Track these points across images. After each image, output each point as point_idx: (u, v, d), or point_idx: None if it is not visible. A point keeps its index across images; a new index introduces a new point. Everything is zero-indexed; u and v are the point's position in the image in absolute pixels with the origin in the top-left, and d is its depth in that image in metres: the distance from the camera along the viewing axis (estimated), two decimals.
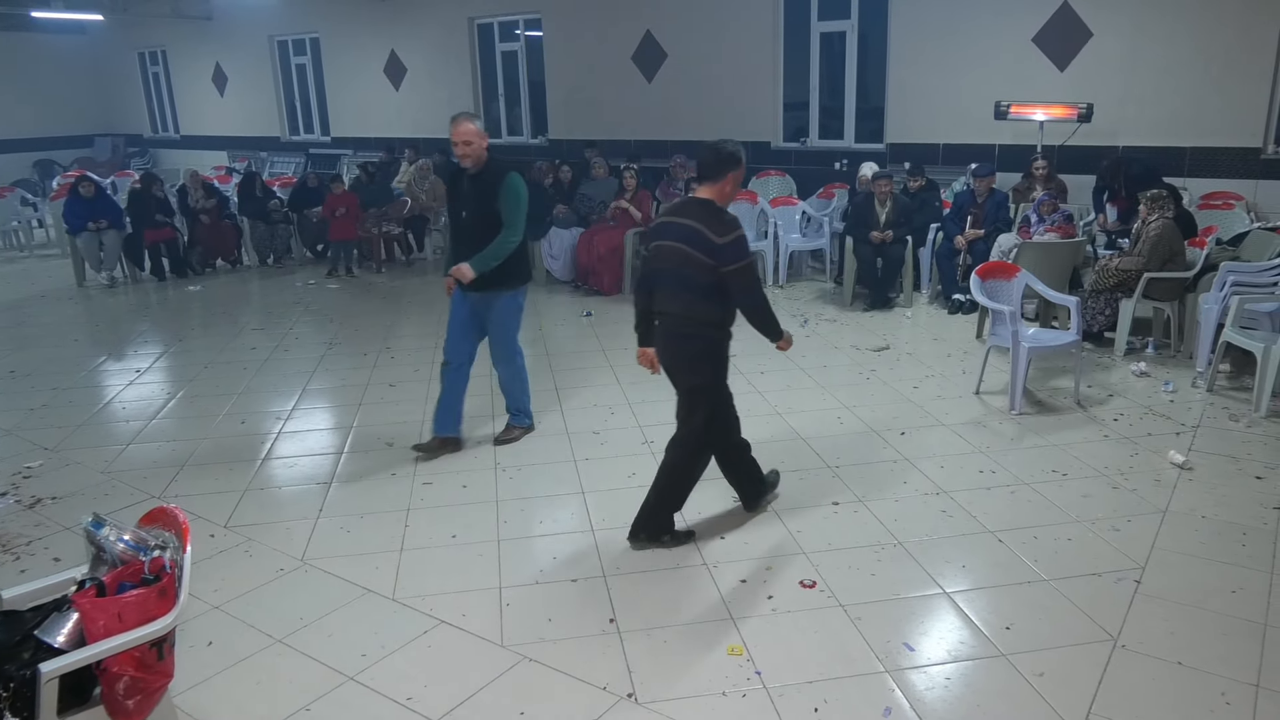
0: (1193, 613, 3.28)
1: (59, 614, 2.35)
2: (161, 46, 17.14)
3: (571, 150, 11.14)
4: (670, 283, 3.64)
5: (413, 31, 13.29)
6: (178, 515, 2.53)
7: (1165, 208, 6.14)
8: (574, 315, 7.92)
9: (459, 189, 4.65)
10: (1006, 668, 3.00)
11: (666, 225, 3.68)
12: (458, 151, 4.46)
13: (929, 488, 4.34)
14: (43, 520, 4.23)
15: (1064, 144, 8.28)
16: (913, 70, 9.25)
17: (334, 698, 2.94)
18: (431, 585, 3.59)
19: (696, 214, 3.57)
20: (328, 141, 15.08)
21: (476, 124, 4.43)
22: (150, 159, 17.70)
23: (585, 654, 3.12)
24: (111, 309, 8.75)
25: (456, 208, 4.70)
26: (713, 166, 3.60)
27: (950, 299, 7.63)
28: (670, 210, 3.79)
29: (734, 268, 3.52)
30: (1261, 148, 7.65)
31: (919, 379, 5.92)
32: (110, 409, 5.82)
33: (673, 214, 3.71)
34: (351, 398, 5.87)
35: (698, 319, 3.63)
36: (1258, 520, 3.94)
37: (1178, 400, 5.42)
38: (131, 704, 2.31)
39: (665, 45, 10.94)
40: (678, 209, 3.73)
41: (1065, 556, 3.68)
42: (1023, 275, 5.74)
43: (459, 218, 4.69)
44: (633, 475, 4.54)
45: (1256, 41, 7.46)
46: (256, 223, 10.36)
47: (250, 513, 4.28)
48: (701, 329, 3.65)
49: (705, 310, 3.61)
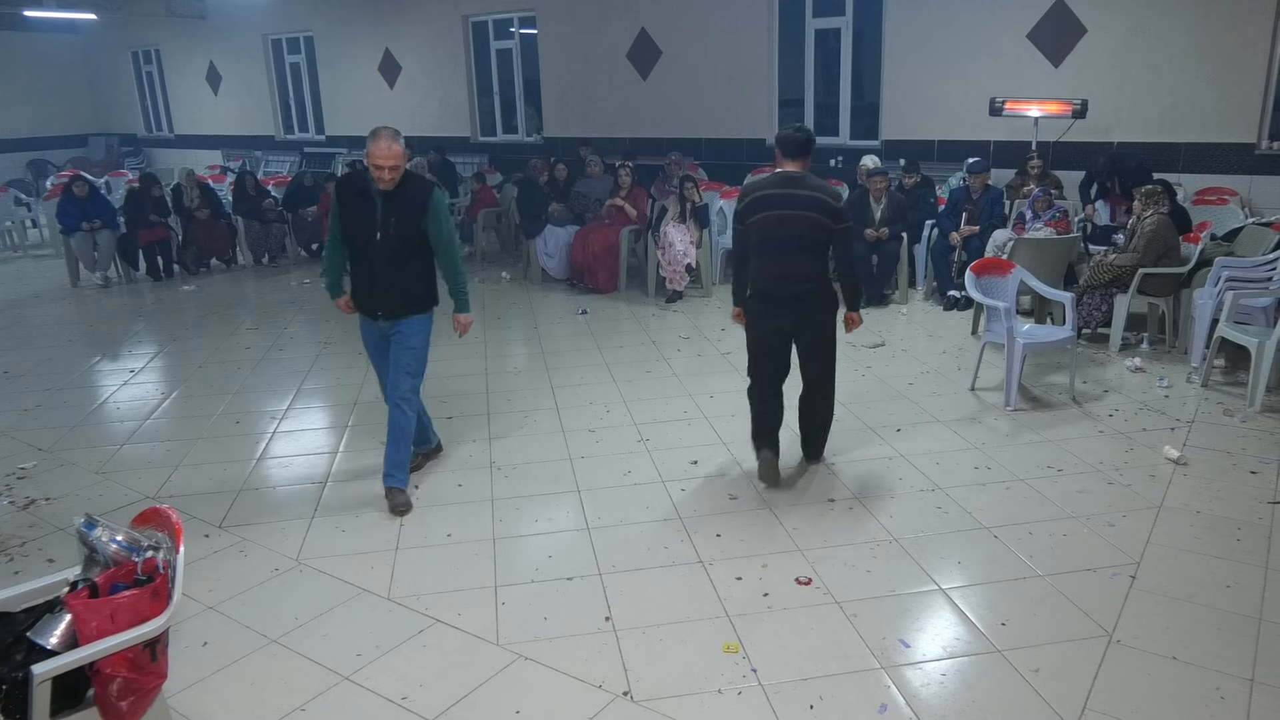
0: (1187, 607, 3.28)
1: (51, 615, 2.34)
2: (155, 45, 17.09)
3: (566, 148, 11.13)
4: (796, 248, 4.10)
5: (407, 29, 13.26)
6: (170, 516, 2.52)
7: (1160, 203, 6.15)
8: (569, 313, 7.91)
9: (366, 209, 4.07)
10: (1002, 663, 3.01)
11: (783, 197, 4.09)
12: (383, 176, 3.95)
13: (924, 484, 4.34)
14: (37, 521, 4.22)
15: (1059, 140, 8.28)
16: (908, 67, 9.25)
17: (329, 698, 2.94)
18: (427, 584, 3.58)
19: (811, 184, 4.09)
20: (322, 140, 15.05)
21: (401, 143, 3.97)
22: (144, 159, 17.66)
23: (581, 652, 3.12)
24: (106, 309, 8.72)
25: (364, 230, 4.09)
26: (803, 145, 4.16)
27: (945, 295, 7.63)
28: (773, 184, 4.15)
29: (847, 224, 4.14)
30: (1256, 143, 7.66)
31: (914, 375, 5.92)
32: (104, 409, 5.81)
33: (783, 186, 4.11)
34: (346, 397, 5.87)
35: (825, 276, 4.18)
36: (1252, 515, 3.94)
37: (1172, 396, 5.42)
38: (125, 705, 2.30)
39: (660, 43, 10.93)
40: (783, 182, 4.12)
41: (1060, 552, 3.68)
42: (1018, 271, 5.75)
43: (368, 241, 4.09)
44: (628, 473, 4.54)
45: (1250, 37, 7.47)
46: (251, 222, 10.33)
47: (245, 512, 4.27)
48: (828, 285, 4.19)
49: (825, 268, 4.19)
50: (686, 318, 7.59)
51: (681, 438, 4.98)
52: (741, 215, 4.20)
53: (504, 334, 7.35)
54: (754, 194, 4.17)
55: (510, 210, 10.31)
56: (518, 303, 8.34)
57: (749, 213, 4.17)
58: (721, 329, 7.17)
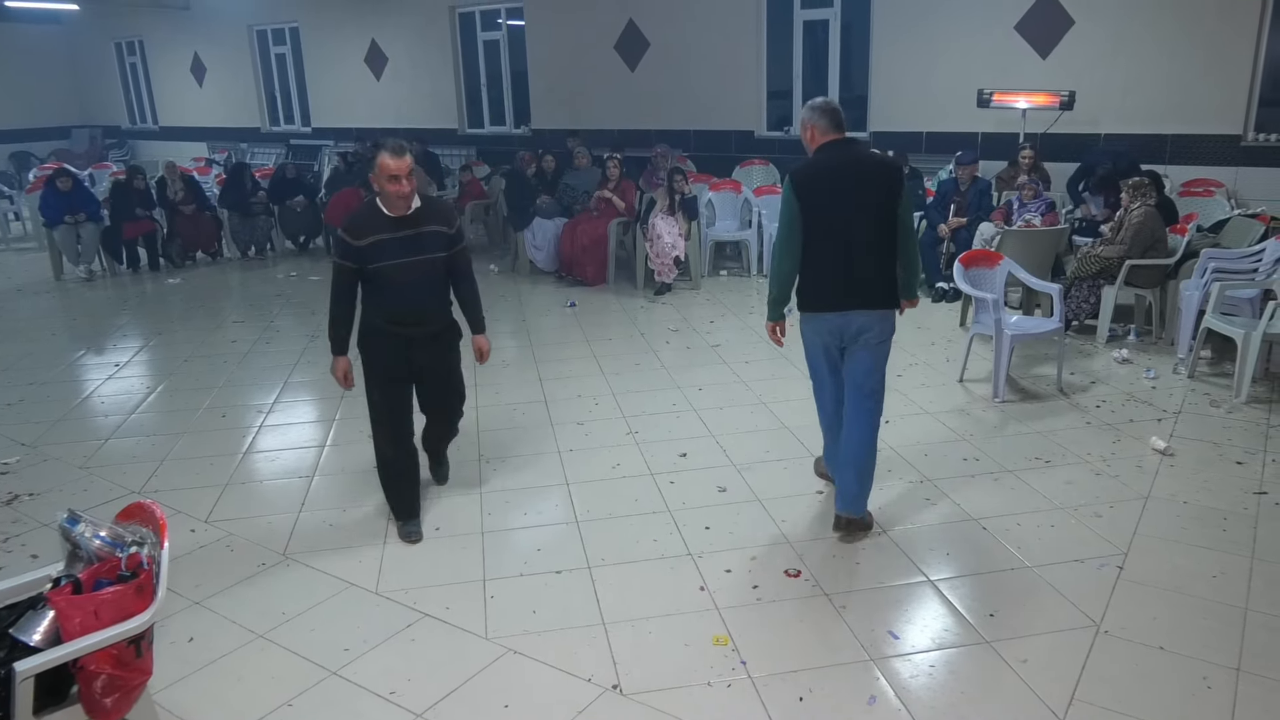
0: (1174, 598, 3.30)
1: (34, 612, 2.32)
2: (139, 36, 16.93)
3: (554, 140, 11.09)
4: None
5: (394, 20, 13.18)
6: (155, 511, 2.50)
7: (1147, 195, 6.17)
8: (557, 306, 7.89)
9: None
10: (990, 655, 3.01)
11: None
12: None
13: (913, 475, 4.35)
14: (20, 517, 4.18)
15: (1046, 132, 8.30)
16: (896, 59, 9.25)
17: (316, 693, 2.92)
18: (415, 578, 3.57)
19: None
20: (309, 132, 14.94)
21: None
22: (128, 151, 17.51)
23: (570, 646, 3.11)
24: (89, 302, 8.65)
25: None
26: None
27: (934, 287, 7.64)
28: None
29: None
30: (1242, 135, 7.69)
31: (903, 367, 5.92)
32: (89, 403, 5.76)
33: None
34: (334, 390, 5.78)
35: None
36: (1238, 505, 3.97)
37: (1159, 387, 5.45)
38: (109, 702, 2.28)
39: (648, 34, 10.89)
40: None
41: (1048, 543, 3.70)
42: (1006, 263, 5.76)
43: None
44: (617, 466, 4.53)
45: (1237, 29, 7.49)
46: (234, 215, 10.25)
47: (231, 507, 4.24)
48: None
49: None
50: (675, 310, 7.57)
51: (670, 430, 4.97)
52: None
53: (492, 326, 7.14)
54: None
55: (498, 202, 10.27)
56: (505, 295, 8.31)
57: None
58: (710, 321, 7.16)
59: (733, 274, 8.86)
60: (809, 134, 3.72)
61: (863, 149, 4.00)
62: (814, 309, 3.72)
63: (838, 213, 3.59)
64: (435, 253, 3.73)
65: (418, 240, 3.67)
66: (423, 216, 3.69)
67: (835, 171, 3.62)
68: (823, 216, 3.60)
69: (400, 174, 3.53)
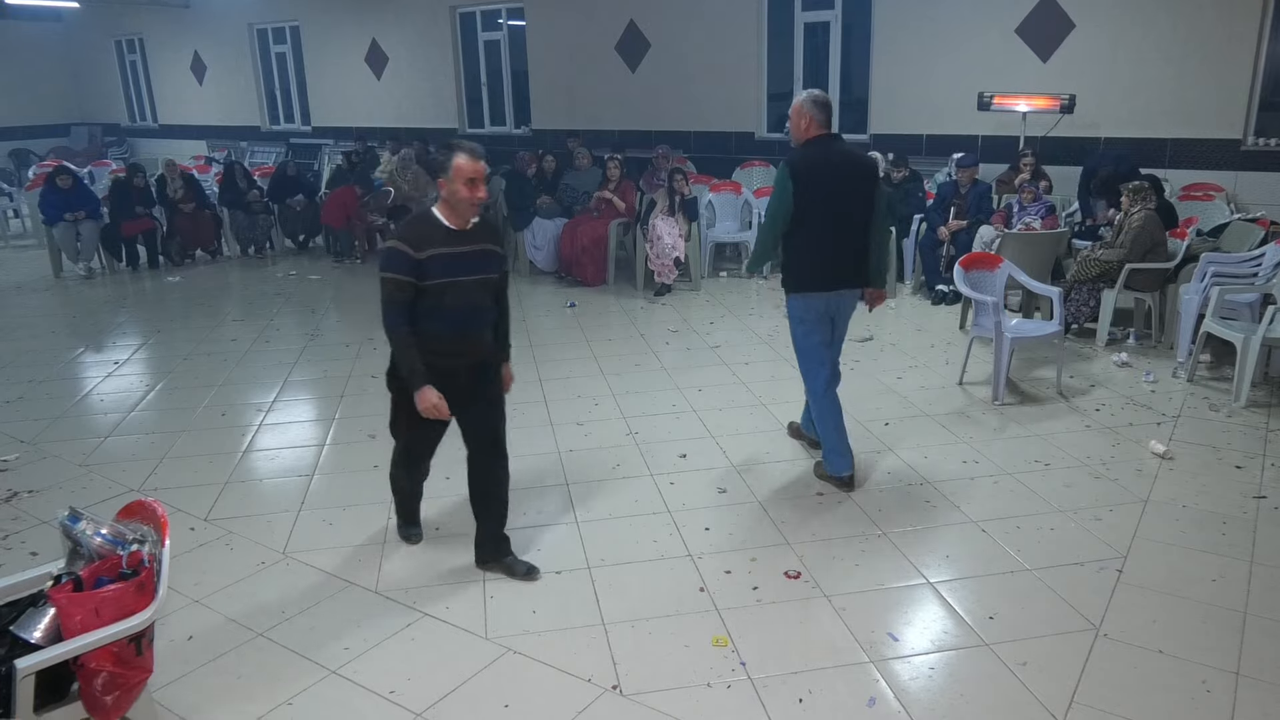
0: (1174, 601, 3.30)
1: (35, 609, 2.32)
2: (139, 34, 16.91)
3: (554, 140, 11.09)
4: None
5: (394, 20, 13.17)
6: (156, 509, 2.50)
7: (1147, 199, 6.18)
8: (558, 306, 7.89)
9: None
10: (990, 657, 3.02)
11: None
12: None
13: (913, 478, 4.35)
14: (20, 514, 4.17)
15: (1047, 135, 8.30)
16: (896, 61, 9.25)
17: (316, 691, 2.92)
18: (415, 578, 3.56)
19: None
20: (308, 131, 14.93)
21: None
22: (128, 149, 17.49)
23: (570, 646, 3.11)
24: (89, 300, 8.64)
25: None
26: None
27: (933, 290, 7.65)
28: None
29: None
30: (1242, 139, 7.70)
31: (902, 370, 5.93)
32: (88, 401, 5.75)
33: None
34: (333, 389, 5.83)
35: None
36: (1238, 509, 3.97)
37: (1159, 390, 5.45)
38: (110, 700, 2.28)
39: (649, 35, 10.89)
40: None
41: (1048, 546, 3.70)
42: (1006, 266, 5.77)
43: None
44: (617, 466, 4.53)
45: (1238, 33, 7.49)
46: (236, 213, 10.25)
47: (231, 505, 4.24)
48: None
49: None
50: (675, 311, 7.57)
51: (670, 431, 4.97)
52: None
53: None
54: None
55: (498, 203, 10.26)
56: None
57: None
58: (710, 322, 7.17)
59: (733, 275, 8.86)
60: (804, 122, 3.97)
61: (846, 144, 4.21)
62: (810, 289, 4.09)
63: (831, 202, 3.93)
64: (491, 273, 3.34)
65: (476, 258, 3.27)
66: (479, 233, 3.31)
67: (830, 163, 3.96)
68: (817, 203, 3.92)
69: (479, 178, 3.15)
